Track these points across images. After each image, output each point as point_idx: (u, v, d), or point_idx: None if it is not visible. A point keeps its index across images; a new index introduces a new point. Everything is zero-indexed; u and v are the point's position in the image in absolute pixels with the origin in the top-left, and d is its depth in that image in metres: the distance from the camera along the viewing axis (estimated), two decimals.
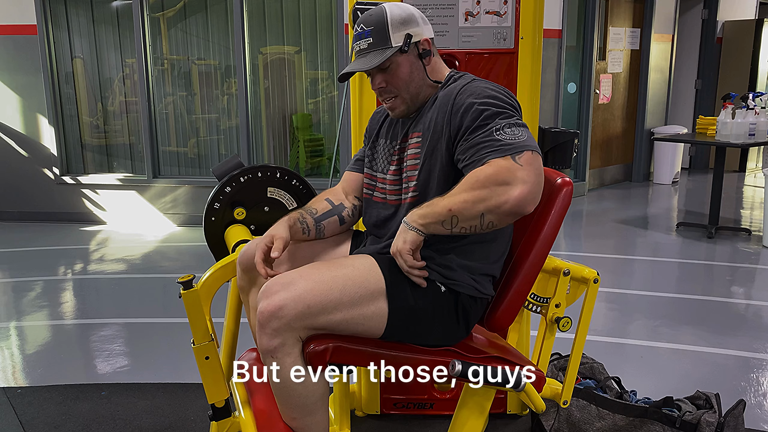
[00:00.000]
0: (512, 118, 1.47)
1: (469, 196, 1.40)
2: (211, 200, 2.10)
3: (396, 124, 1.74)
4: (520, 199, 1.38)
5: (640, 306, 3.62)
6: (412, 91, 1.63)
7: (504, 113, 1.48)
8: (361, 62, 1.61)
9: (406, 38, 1.59)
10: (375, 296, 1.49)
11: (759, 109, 4.88)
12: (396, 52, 1.58)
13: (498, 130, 1.44)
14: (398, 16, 1.60)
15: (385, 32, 1.59)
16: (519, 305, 1.64)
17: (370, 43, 1.60)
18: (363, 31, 1.61)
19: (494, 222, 1.42)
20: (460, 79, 1.62)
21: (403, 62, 1.60)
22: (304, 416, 1.53)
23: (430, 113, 1.61)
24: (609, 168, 7.28)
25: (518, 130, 1.45)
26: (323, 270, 1.50)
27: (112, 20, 5.56)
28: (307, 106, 5.72)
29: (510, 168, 1.39)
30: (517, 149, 1.41)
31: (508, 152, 1.41)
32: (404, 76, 1.61)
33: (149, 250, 4.85)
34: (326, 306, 1.44)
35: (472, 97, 1.51)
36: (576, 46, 6.57)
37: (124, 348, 3.11)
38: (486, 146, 1.44)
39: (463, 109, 1.51)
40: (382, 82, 1.62)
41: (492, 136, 1.44)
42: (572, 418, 2.16)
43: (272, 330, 1.43)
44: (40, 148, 5.63)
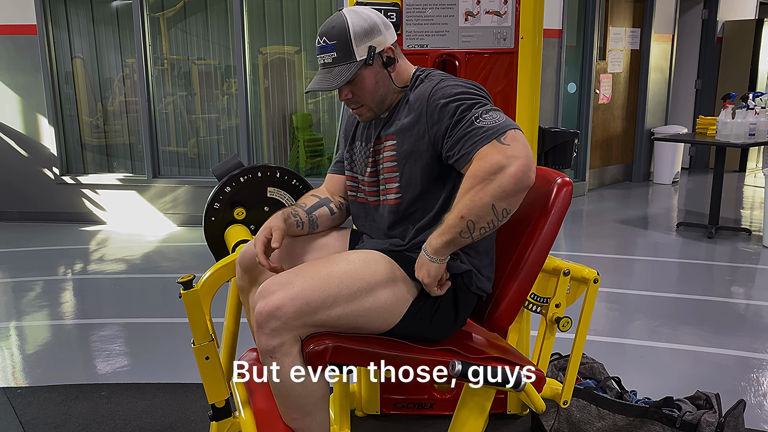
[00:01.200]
0: (486, 106, 1.51)
1: (472, 195, 1.42)
2: (211, 200, 2.10)
3: (369, 127, 1.75)
4: (518, 174, 1.40)
5: (640, 306, 3.62)
6: (378, 99, 1.64)
7: (477, 102, 1.51)
8: (327, 79, 1.60)
9: (369, 51, 1.58)
10: (373, 288, 1.50)
11: (759, 109, 4.88)
12: (361, 65, 1.58)
13: (477, 118, 1.47)
14: (360, 28, 1.57)
15: (348, 46, 1.57)
16: (519, 305, 1.64)
17: (334, 57, 1.58)
18: (326, 45, 1.59)
19: (507, 208, 1.44)
20: (427, 80, 1.62)
21: (367, 74, 1.60)
22: (304, 416, 1.53)
23: (403, 117, 1.62)
24: (609, 168, 7.28)
25: (495, 114, 1.48)
26: (319, 267, 1.51)
27: (112, 20, 5.55)
28: (307, 106, 5.72)
29: (499, 150, 1.41)
30: (499, 131, 1.44)
31: (492, 137, 1.43)
32: (369, 88, 1.62)
33: (149, 250, 4.85)
34: (325, 301, 1.45)
35: (444, 98, 1.53)
36: (576, 46, 6.57)
37: (124, 348, 3.11)
38: (470, 136, 1.46)
39: (438, 110, 1.52)
40: (348, 93, 1.63)
41: (473, 125, 1.47)
42: (572, 418, 2.16)
43: (271, 330, 1.43)
44: (40, 148, 5.63)
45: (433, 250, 1.49)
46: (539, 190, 1.64)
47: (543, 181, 1.66)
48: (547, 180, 1.65)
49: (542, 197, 1.63)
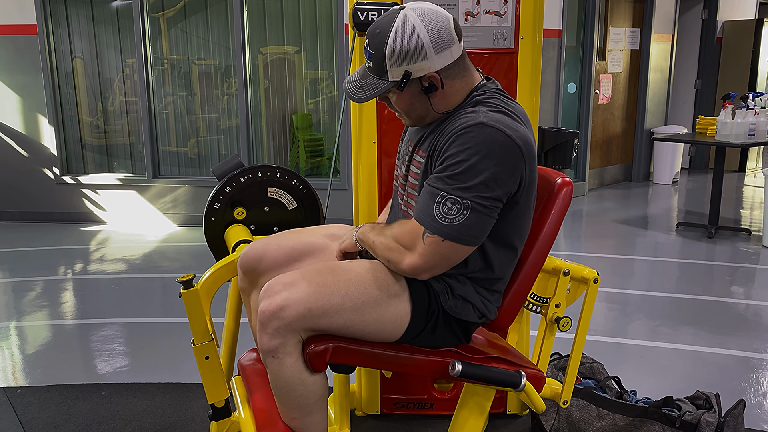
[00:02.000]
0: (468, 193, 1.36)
1: (384, 242, 1.51)
2: (211, 200, 2.10)
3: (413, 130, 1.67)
4: (409, 268, 1.46)
5: (640, 306, 3.62)
6: (414, 117, 1.55)
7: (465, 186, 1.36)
8: (357, 87, 1.51)
9: (404, 75, 1.44)
10: (377, 303, 1.48)
11: (759, 109, 4.88)
12: (390, 87, 1.47)
13: (441, 198, 1.38)
14: (400, 49, 1.42)
15: (382, 63, 1.45)
16: (519, 305, 1.64)
17: (370, 67, 1.49)
18: (366, 50, 1.49)
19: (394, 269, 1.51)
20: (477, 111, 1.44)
21: (401, 95, 1.50)
22: (303, 416, 1.53)
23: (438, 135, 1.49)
24: (609, 168, 7.28)
25: (457, 211, 1.37)
26: (326, 273, 1.49)
27: (112, 20, 5.56)
28: (307, 106, 5.72)
29: (414, 238, 1.44)
30: (433, 229, 1.40)
31: (426, 224, 1.42)
32: (403, 107, 1.53)
33: (149, 250, 4.85)
34: (327, 310, 1.44)
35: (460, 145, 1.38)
36: (576, 46, 6.57)
37: (124, 348, 3.12)
38: (422, 203, 1.44)
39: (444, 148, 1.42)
40: (386, 101, 1.57)
41: (432, 201, 1.40)
42: (572, 418, 2.16)
43: (273, 330, 1.43)
44: (40, 148, 5.63)
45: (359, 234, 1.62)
46: (539, 191, 1.64)
47: (543, 181, 1.66)
48: (547, 180, 1.65)
49: (542, 197, 1.63)
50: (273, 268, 1.71)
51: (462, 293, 1.54)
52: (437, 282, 1.53)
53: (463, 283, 1.54)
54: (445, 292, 1.53)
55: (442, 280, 1.53)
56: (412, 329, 1.52)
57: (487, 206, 1.39)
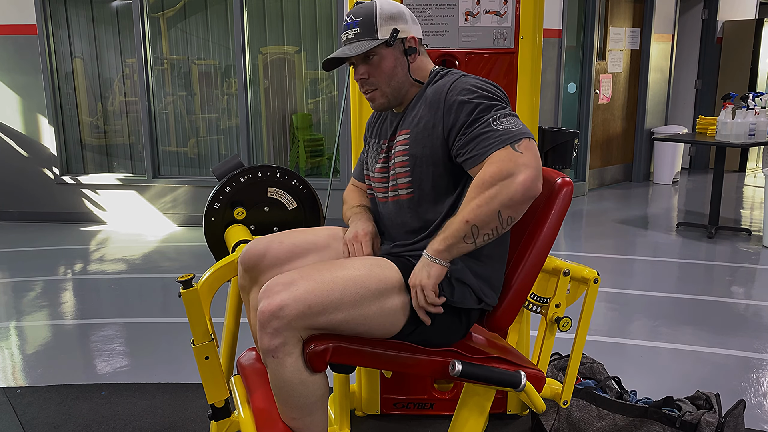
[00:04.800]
0: (505, 109, 1.51)
1: (480, 200, 1.42)
2: (211, 200, 2.10)
3: (385, 123, 1.76)
4: (527, 183, 1.41)
5: (640, 306, 3.62)
6: (393, 86, 1.64)
7: (497, 105, 1.51)
8: (346, 50, 1.63)
9: (392, 32, 1.60)
10: (376, 297, 1.49)
11: (759, 109, 4.88)
12: (381, 44, 1.60)
13: (495, 120, 1.48)
14: (387, 11, 1.62)
15: (372, 24, 1.60)
16: (519, 305, 1.64)
17: (357, 33, 1.62)
18: (351, 22, 1.63)
19: (512, 216, 1.44)
20: (447, 76, 1.63)
21: (387, 55, 1.62)
22: (303, 416, 1.53)
23: (417, 110, 1.63)
24: (609, 168, 7.28)
25: (513, 120, 1.49)
26: (324, 271, 1.50)
27: (112, 20, 5.56)
28: (307, 106, 5.72)
29: (511, 158, 1.42)
30: (515, 138, 1.45)
31: (507, 142, 1.44)
32: (387, 70, 1.63)
33: (149, 250, 4.85)
34: (327, 307, 1.44)
35: (464, 93, 1.53)
36: (576, 46, 6.57)
37: (124, 348, 3.11)
38: (486, 137, 1.46)
39: (456, 106, 1.53)
40: (365, 73, 1.63)
41: (490, 127, 1.47)
42: (572, 418, 2.16)
43: (273, 329, 1.43)
44: (40, 148, 5.63)
45: (435, 252, 1.48)
46: None
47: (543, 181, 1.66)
48: (547, 180, 1.65)
49: (542, 197, 1.63)
50: (275, 265, 1.71)
51: (459, 276, 1.55)
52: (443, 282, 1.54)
53: (455, 263, 1.55)
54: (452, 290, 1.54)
55: None
56: (412, 321, 1.53)
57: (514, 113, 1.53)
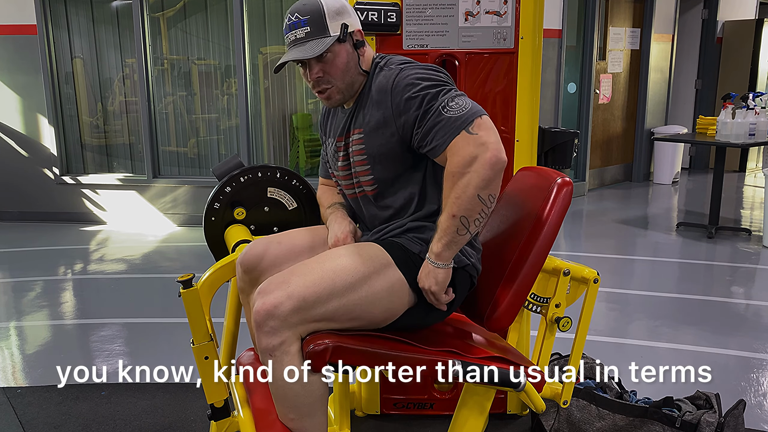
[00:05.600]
0: (451, 92, 1.52)
1: (456, 192, 1.45)
2: (211, 200, 2.10)
3: (335, 119, 1.77)
4: (492, 159, 1.44)
5: (640, 306, 3.62)
6: (347, 81, 1.64)
7: (441, 90, 1.52)
8: (302, 50, 1.59)
9: (342, 28, 1.59)
10: (366, 278, 1.52)
11: (759, 109, 4.88)
12: (334, 40, 1.59)
13: (444, 107, 1.49)
14: (333, 7, 1.60)
15: (322, 21, 1.58)
16: (519, 305, 1.64)
17: (308, 32, 1.58)
18: (298, 20, 1.59)
19: (491, 193, 1.47)
20: (386, 68, 1.63)
21: (340, 52, 1.61)
22: (302, 417, 1.52)
23: (368, 111, 1.63)
24: (609, 168, 7.28)
25: (461, 101, 1.49)
26: (313, 265, 1.53)
27: (112, 20, 5.56)
28: (307, 106, 5.72)
29: (469, 141, 1.45)
30: (467, 121, 1.46)
31: (461, 127, 1.46)
32: (341, 66, 1.61)
33: (149, 250, 4.85)
34: (320, 296, 1.46)
35: (407, 89, 1.53)
36: (576, 46, 6.57)
37: (124, 348, 3.11)
38: (440, 127, 1.48)
39: (404, 104, 1.53)
40: (320, 72, 1.61)
41: (441, 116, 1.48)
42: (572, 418, 2.16)
43: (270, 329, 1.43)
44: (40, 148, 5.63)
45: (436, 256, 1.51)
46: (539, 190, 1.64)
47: (543, 181, 1.66)
48: (547, 180, 1.65)
49: (542, 197, 1.63)
50: (274, 266, 1.71)
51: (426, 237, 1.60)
52: (414, 244, 1.59)
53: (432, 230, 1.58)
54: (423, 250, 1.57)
55: (417, 241, 1.59)
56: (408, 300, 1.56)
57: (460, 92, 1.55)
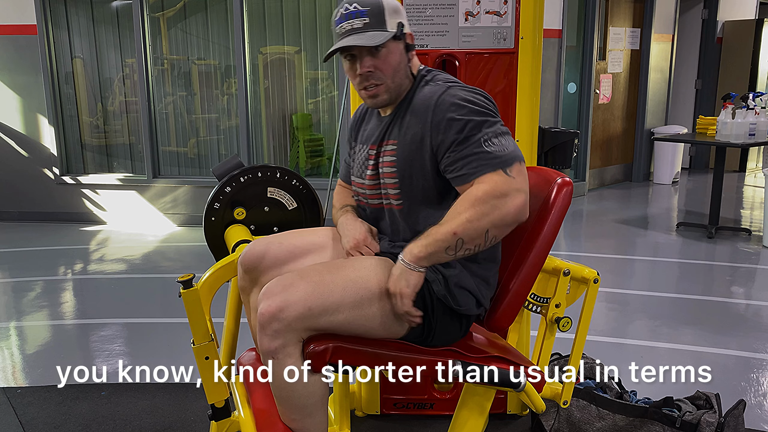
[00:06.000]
0: (496, 126, 1.48)
1: (471, 215, 1.41)
2: (211, 200, 2.10)
3: (369, 126, 1.72)
4: (519, 208, 1.43)
5: (640, 306, 3.62)
6: (397, 81, 1.60)
7: (487, 121, 1.48)
8: (361, 38, 1.53)
9: (399, 26, 1.57)
10: (377, 298, 1.49)
11: (759, 109, 4.88)
12: (390, 37, 1.55)
13: (486, 140, 1.45)
14: (392, 4, 1.58)
15: (381, 15, 1.55)
16: (519, 305, 1.64)
17: (366, 23, 1.54)
18: (358, 11, 1.54)
19: (497, 236, 1.45)
20: (433, 82, 1.59)
21: (394, 49, 1.57)
22: (303, 417, 1.53)
23: (406, 120, 1.58)
24: (609, 168, 7.28)
25: (504, 140, 1.47)
26: (324, 272, 1.50)
27: (112, 20, 5.55)
28: (307, 106, 5.72)
29: (505, 181, 1.42)
30: (507, 162, 1.44)
31: (499, 166, 1.43)
32: (394, 64, 1.57)
33: (149, 250, 4.85)
34: (327, 308, 1.44)
35: (452, 109, 1.49)
36: (576, 46, 6.57)
37: (124, 348, 3.11)
38: (477, 158, 1.45)
39: (445, 123, 1.49)
40: (371, 66, 1.56)
41: (481, 148, 1.45)
42: (572, 419, 2.16)
43: (273, 331, 1.43)
44: (40, 148, 5.63)
45: (414, 258, 1.46)
46: (539, 190, 1.64)
47: (543, 181, 1.66)
48: (547, 180, 1.65)
49: (542, 197, 1.63)
50: (274, 266, 1.70)
51: (458, 281, 1.55)
52: (429, 272, 1.54)
53: (454, 268, 1.55)
54: (437, 281, 1.54)
55: (435, 269, 1.55)
56: None
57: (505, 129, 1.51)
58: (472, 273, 1.58)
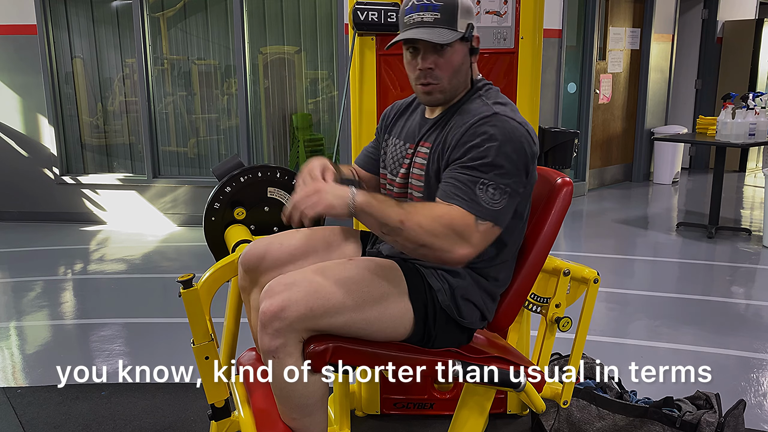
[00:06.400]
0: (504, 179, 1.43)
1: (426, 224, 1.39)
2: (211, 200, 2.10)
3: (411, 123, 1.70)
4: (461, 257, 1.41)
5: (640, 306, 3.62)
6: (454, 84, 1.57)
7: (501, 172, 1.43)
8: (430, 33, 1.49)
9: (468, 27, 1.53)
10: (379, 301, 1.48)
11: (759, 109, 4.88)
12: (459, 37, 1.51)
13: (483, 185, 1.42)
14: (466, 4, 1.53)
15: (454, 13, 1.50)
16: (519, 305, 1.64)
17: (437, 18, 1.49)
18: (431, 4, 1.49)
19: (426, 255, 1.43)
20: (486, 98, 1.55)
21: (459, 50, 1.53)
22: (303, 416, 1.53)
23: (447, 127, 1.56)
24: (609, 168, 7.28)
25: (500, 197, 1.43)
26: (327, 272, 1.49)
27: (112, 20, 5.55)
28: (307, 106, 5.72)
29: (470, 227, 1.40)
30: (483, 215, 1.42)
31: (475, 212, 1.41)
32: (456, 65, 1.54)
33: (149, 250, 4.85)
34: (329, 310, 1.44)
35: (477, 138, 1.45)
36: (576, 46, 6.57)
37: (124, 348, 3.11)
38: (463, 189, 1.42)
39: (463, 146, 1.46)
40: (433, 63, 1.53)
41: (473, 187, 1.42)
42: (572, 418, 2.16)
43: (274, 330, 1.43)
44: (40, 148, 5.63)
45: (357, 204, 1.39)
46: (539, 190, 1.64)
47: (543, 181, 1.66)
48: (547, 180, 1.65)
49: (542, 197, 1.63)
50: (275, 266, 1.70)
51: (465, 293, 1.55)
52: (436, 279, 1.54)
53: (464, 279, 1.54)
54: (443, 291, 1.53)
55: (440, 277, 1.54)
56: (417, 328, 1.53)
57: (519, 192, 1.48)
58: (480, 287, 1.57)
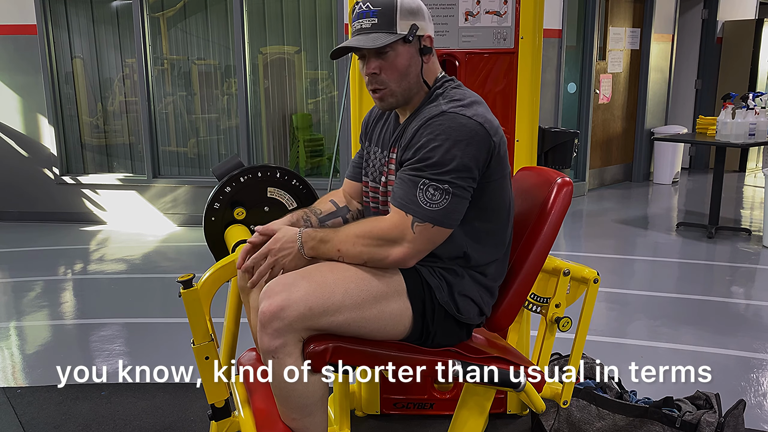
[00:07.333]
0: (446, 178, 1.43)
1: (358, 242, 1.47)
2: (211, 200, 2.10)
3: (387, 129, 1.70)
4: (397, 260, 1.47)
5: (640, 306, 3.62)
6: (404, 86, 1.55)
7: (444, 171, 1.43)
8: (362, 40, 1.51)
9: (411, 28, 1.52)
10: (378, 300, 1.49)
11: (759, 109, 4.88)
12: (399, 39, 1.51)
13: (423, 185, 1.44)
14: (408, 5, 1.52)
15: (392, 16, 1.50)
16: (519, 305, 1.64)
17: (374, 23, 1.51)
18: (369, 10, 1.51)
19: (375, 266, 1.50)
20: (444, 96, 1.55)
21: (403, 52, 1.53)
22: (303, 417, 1.53)
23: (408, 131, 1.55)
24: (609, 168, 7.28)
25: (440, 197, 1.44)
26: (326, 272, 1.49)
27: (112, 20, 5.55)
28: (307, 106, 5.72)
29: (403, 229, 1.45)
30: (421, 216, 1.44)
31: (412, 212, 1.45)
32: (401, 68, 1.53)
33: (149, 250, 4.85)
34: (328, 308, 1.44)
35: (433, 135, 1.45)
36: (576, 46, 6.57)
37: (124, 348, 3.11)
38: (404, 191, 1.46)
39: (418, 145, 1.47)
40: (377, 68, 1.53)
41: (414, 188, 1.45)
42: (572, 418, 2.16)
43: (273, 330, 1.43)
44: (40, 148, 5.63)
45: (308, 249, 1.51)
46: (539, 191, 1.64)
47: (543, 181, 1.66)
48: (547, 180, 1.65)
49: (542, 197, 1.63)
50: None
51: (462, 290, 1.55)
52: (434, 276, 1.54)
53: (461, 276, 1.55)
54: (440, 288, 1.54)
55: (438, 275, 1.54)
56: (416, 326, 1.53)
57: (464, 188, 1.47)
58: (477, 283, 1.58)
